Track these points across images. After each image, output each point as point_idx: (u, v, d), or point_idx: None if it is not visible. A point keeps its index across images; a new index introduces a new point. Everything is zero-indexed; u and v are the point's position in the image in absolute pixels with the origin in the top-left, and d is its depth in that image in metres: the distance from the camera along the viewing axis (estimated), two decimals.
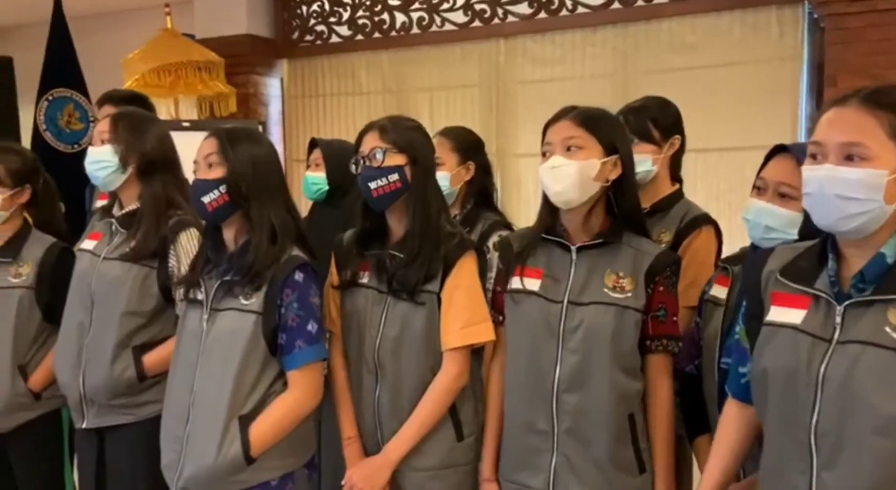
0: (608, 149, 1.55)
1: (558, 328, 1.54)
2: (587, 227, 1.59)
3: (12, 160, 2.05)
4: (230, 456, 1.54)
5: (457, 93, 4.28)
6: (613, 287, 1.53)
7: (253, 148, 1.65)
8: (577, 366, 1.52)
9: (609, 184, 1.56)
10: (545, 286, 1.58)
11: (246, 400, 1.56)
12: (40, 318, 2.05)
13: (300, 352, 1.57)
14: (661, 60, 3.70)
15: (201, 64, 4.27)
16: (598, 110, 1.62)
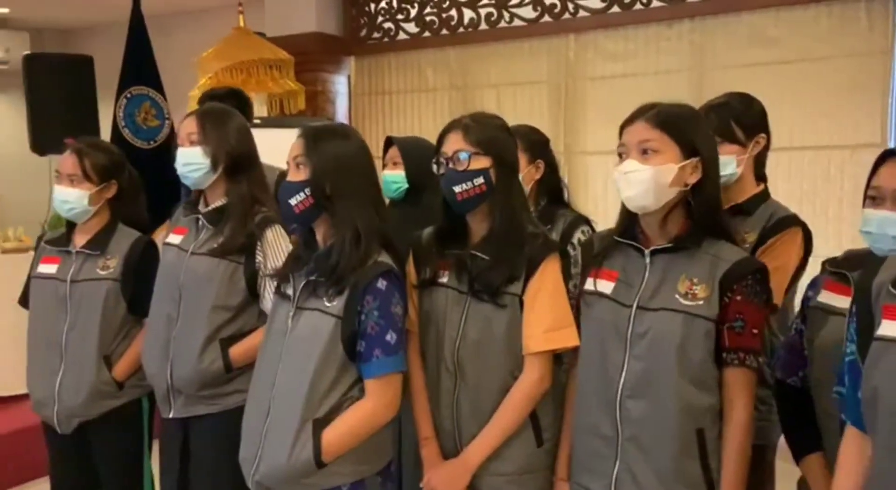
0: (687, 151, 1.47)
1: (626, 333, 1.49)
2: (664, 230, 1.52)
3: (99, 156, 2.11)
4: (302, 459, 1.52)
5: (524, 89, 4.23)
6: (685, 293, 1.46)
7: (339, 147, 1.61)
8: (641, 373, 1.46)
9: (688, 187, 1.49)
10: (617, 290, 1.52)
11: (321, 403, 1.53)
12: (125, 309, 2.10)
13: (378, 361, 1.53)
14: (742, 55, 3.57)
15: (272, 62, 4.33)
16: (679, 109, 1.52)
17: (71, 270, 2.09)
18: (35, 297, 2.14)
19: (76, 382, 2.05)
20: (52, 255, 2.14)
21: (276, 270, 1.75)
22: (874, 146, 3.30)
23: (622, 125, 1.53)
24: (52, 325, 2.08)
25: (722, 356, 1.46)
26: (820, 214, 3.44)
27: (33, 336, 2.15)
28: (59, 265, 2.11)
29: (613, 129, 4.18)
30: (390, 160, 2.21)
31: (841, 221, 3.45)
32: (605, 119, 3.97)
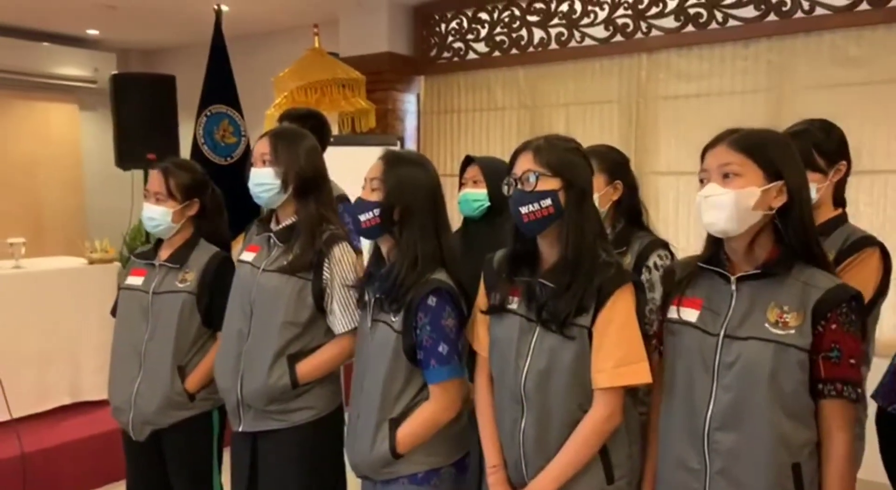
0: (771, 175, 1.42)
1: (713, 363, 1.44)
2: (751, 256, 1.46)
3: (182, 176, 2.19)
4: (381, 452, 1.71)
5: (594, 108, 4.20)
6: (776, 322, 1.40)
7: (413, 176, 1.72)
8: (731, 404, 1.41)
9: (774, 211, 1.44)
10: (703, 318, 1.48)
11: (394, 405, 1.71)
12: (199, 322, 2.16)
13: (434, 370, 1.68)
14: (823, 75, 3.45)
15: (345, 81, 4.43)
16: (762, 133, 1.48)
17: (154, 282, 2.17)
18: (122, 307, 2.24)
19: (151, 391, 2.13)
20: (139, 267, 2.23)
21: (357, 282, 1.89)
22: None
23: (704, 149, 1.50)
24: (134, 334, 2.17)
25: (818, 387, 1.39)
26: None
27: (117, 344, 2.24)
28: (144, 277, 2.20)
29: (685, 149, 4.11)
30: (470, 179, 2.20)
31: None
32: (676, 139, 3.90)
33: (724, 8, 3.70)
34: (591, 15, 4.14)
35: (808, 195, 1.48)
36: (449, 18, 4.73)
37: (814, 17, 3.47)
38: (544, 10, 4.31)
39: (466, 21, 4.66)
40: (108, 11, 4.93)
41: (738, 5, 3.67)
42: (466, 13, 4.65)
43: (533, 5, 4.35)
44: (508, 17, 4.47)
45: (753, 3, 3.62)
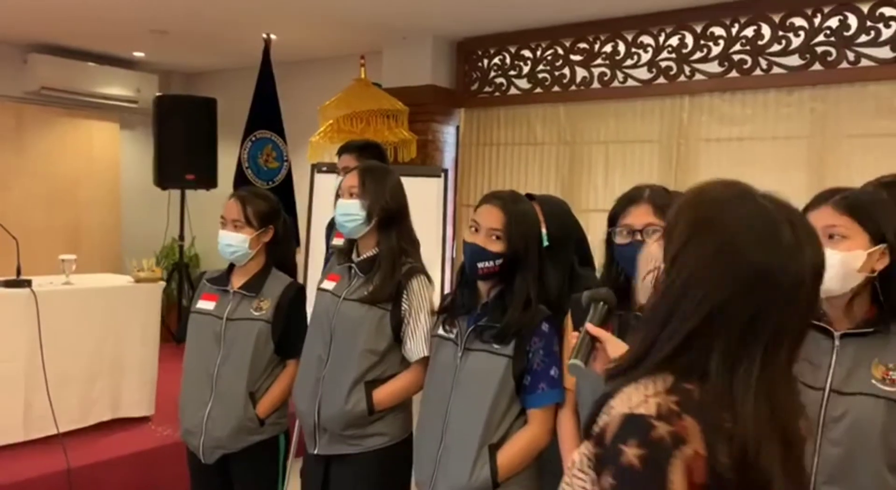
0: (876, 237, 1.46)
1: (818, 417, 1.47)
2: (850, 314, 1.51)
3: (260, 204, 2.27)
4: (481, 479, 1.72)
5: (634, 147, 4.27)
6: (883, 379, 1.44)
7: (532, 226, 1.83)
8: (838, 459, 1.44)
9: (875, 273, 1.48)
10: (804, 371, 1.52)
11: (496, 431, 1.75)
12: (273, 349, 2.22)
13: (542, 393, 1.74)
14: (867, 125, 3.52)
15: (389, 111, 4.54)
16: (867, 195, 1.53)
17: (227, 308, 2.24)
18: (192, 331, 2.30)
19: (224, 415, 2.18)
20: (211, 292, 2.30)
21: (441, 310, 1.94)
22: None
23: (805, 208, 1.54)
24: (206, 358, 2.23)
25: None
26: None
27: (188, 368, 2.29)
28: (216, 303, 2.26)
29: None
30: None
31: None
32: None
33: (769, 56, 3.79)
34: (635, 57, 4.23)
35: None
36: (492, 54, 4.84)
37: (858, 67, 3.55)
38: (588, 50, 4.41)
39: (509, 57, 4.76)
40: (158, 36, 5.07)
41: (783, 54, 3.75)
42: (509, 50, 4.75)
43: (577, 45, 4.45)
44: (551, 55, 4.57)
45: (798, 53, 3.70)
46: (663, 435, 0.84)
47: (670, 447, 0.84)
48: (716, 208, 0.93)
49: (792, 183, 3.66)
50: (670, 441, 0.84)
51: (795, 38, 3.71)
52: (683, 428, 0.85)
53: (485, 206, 1.83)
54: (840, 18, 3.58)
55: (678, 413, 0.86)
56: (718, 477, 0.83)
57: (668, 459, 0.83)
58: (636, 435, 0.85)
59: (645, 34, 4.18)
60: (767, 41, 3.79)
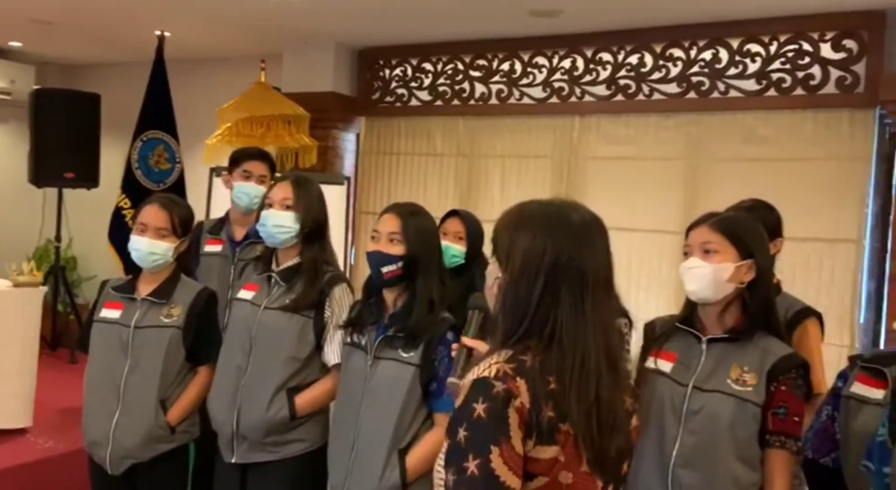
0: (744, 254, 1.70)
1: (681, 409, 1.68)
2: (721, 321, 1.73)
3: (182, 211, 2.24)
4: (391, 482, 1.79)
5: (529, 162, 4.49)
6: (737, 380, 1.67)
7: (427, 228, 1.91)
8: (693, 445, 1.65)
9: (744, 285, 1.71)
10: (676, 370, 1.73)
11: (405, 435, 1.82)
12: (183, 357, 2.20)
13: (448, 398, 1.75)
14: (734, 150, 3.90)
15: (290, 117, 4.52)
16: (738, 218, 1.79)
17: (135, 316, 2.19)
18: (96, 340, 2.23)
19: (133, 425, 2.13)
20: (116, 300, 2.23)
21: (349, 322, 1.98)
22: (851, 242, 3.64)
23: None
24: (112, 368, 2.17)
25: (765, 438, 1.65)
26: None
27: (92, 378, 2.22)
28: (122, 311, 2.21)
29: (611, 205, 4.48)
30: (453, 233, 2.36)
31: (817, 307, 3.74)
32: (604, 196, 4.24)
33: (651, 82, 4.12)
34: (531, 76, 4.46)
35: (771, 275, 1.77)
36: (393, 65, 4.93)
37: (728, 97, 3.93)
38: (486, 67, 4.60)
39: (411, 69, 4.87)
40: (40, 26, 4.78)
41: (662, 81, 4.09)
42: (411, 62, 4.87)
43: (476, 62, 4.63)
44: (452, 69, 4.72)
45: (676, 81, 4.05)
46: (500, 391, 1.09)
47: (506, 398, 1.08)
48: (525, 212, 1.21)
49: (669, 200, 4.01)
50: (504, 395, 1.08)
51: (674, 67, 4.06)
52: (515, 386, 1.09)
53: (384, 216, 1.93)
54: (713, 52, 3.96)
55: (512, 376, 1.10)
56: (538, 423, 1.09)
57: (506, 408, 1.08)
58: (482, 393, 1.09)
59: (539, 56, 4.42)
60: (649, 69, 4.12)
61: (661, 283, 4.05)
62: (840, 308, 3.60)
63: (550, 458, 1.09)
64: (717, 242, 1.70)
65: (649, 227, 4.06)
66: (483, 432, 1.06)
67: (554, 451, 1.09)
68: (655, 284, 4.06)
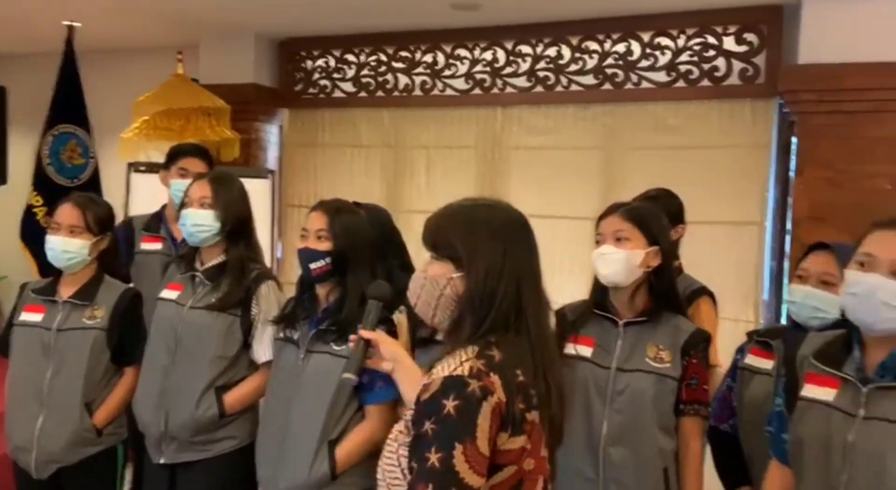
0: (651, 240, 1.84)
1: (606, 390, 1.80)
2: (632, 305, 1.86)
3: (98, 209, 2.20)
4: (319, 473, 1.81)
5: (454, 153, 4.57)
6: (654, 357, 1.80)
7: (356, 224, 1.94)
8: (622, 424, 1.78)
9: (651, 269, 1.84)
10: (597, 354, 1.84)
11: (335, 427, 1.85)
12: (108, 358, 2.17)
13: (379, 390, 1.85)
14: (646, 139, 4.09)
15: (210, 110, 4.44)
16: (645, 207, 1.93)
17: (57, 319, 2.15)
18: (18, 344, 2.18)
19: (58, 428, 2.10)
20: (36, 303, 2.19)
21: (282, 317, 2.00)
22: (754, 224, 3.89)
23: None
24: (34, 371, 2.13)
25: (680, 407, 1.80)
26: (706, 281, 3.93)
27: (14, 382, 2.17)
28: (44, 314, 2.16)
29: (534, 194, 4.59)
30: None
31: (725, 288, 3.97)
32: (527, 185, 4.37)
33: (569, 74, 4.26)
34: (453, 68, 4.53)
35: (673, 260, 1.91)
36: (315, 56, 4.90)
37: (640, 89, 4.11)
38: (409, 58, 4.64)
39: (333, 60, 4.86)
40: None
41: (579, 73, 4.24)
42: (333, 53, 4.85)
43: (399, 53, 4.66)
44: (375, 61, 4.74)
45: (592, 73, 4.20)
46: (475, 389, 1.12)
47: (481, 397, 1.11)
48: (476, 216, 1.27)
49: (588, 188, 4.16)
50: (480, 393, 1.12)
51: (590, 60, 4.21)
52: (490, 383, 1.13)
53: (311, 214, 1.96)
54: (626, 45, 4.13)
55: (486, 372, 1.14)
56: (513, 415, 1.14)
57: (479, 407, 1.11)
58: (455, 390, 1.12)
59: (461, 48, 4.50)
60: (567, 61, 4.26)
61: (581, 267, 4.19)
62: (745, 286, 3.84)
63: (519, 447, 1.16)
64: (628, 230, 1.82)
65: (570, 214, 4.21)
66: (449, 429, 1.10)
67: (522, 440, 1.16)
68: (577, 269, 4.21)
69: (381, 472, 1.21)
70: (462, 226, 1.26)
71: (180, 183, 2.59)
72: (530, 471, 1.17)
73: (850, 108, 3.41)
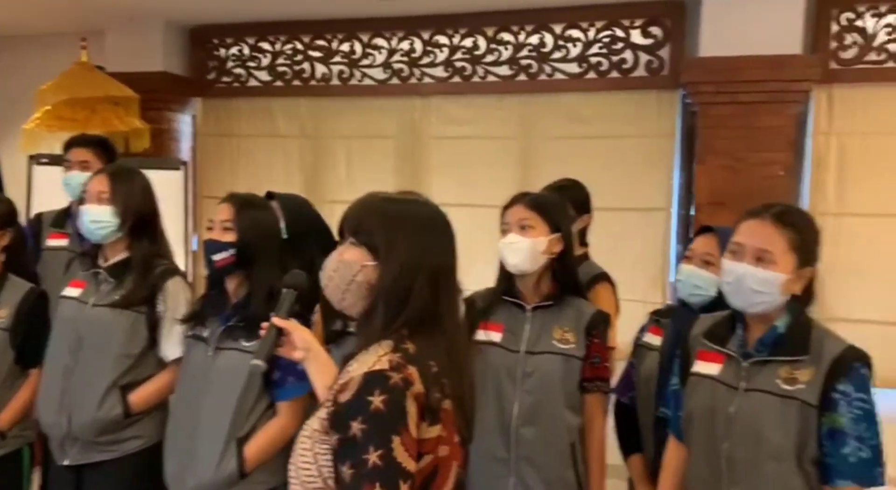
0: (553, 228, 1.92)
1: (516, 373, 1.87)
2: (538, 290, 1.95)
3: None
4: (227, 471, 1.79)
5: (374, 143, 4.57)
6: (560, 339, 1.89)
7: (262, 217, 1.92)
8: (532, 404, 1.86)
9: (554, 256, 1.92)
10: (506, 339, 1.92)
11: (244, 424, 1.83)
12: (12, 359, 2.10)
13: (290, 386, 1.83)
14: (560, 129, 4.21)
15: (118, 99, 4.29)
16: (547, 196, 2.02)
17: None
18: None
19: None
20: None
21: (192, 315, 1.96)
22: (661, 210, 4.08)
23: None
24: None
25: (584, 385, 1.89)
26: (620, 265, 4.08)
27: None
28: None
29: (453, 183, 4.67)
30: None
31: (635, 270, 4.16)
32: (446, 174, 4.43)
33: (485, 65, 4.33)
34: (371, 57, 4.52)
35: (573, 246, 2.00)
36: (228, 44, 4.80)
37: (554, 80, 4.22)
38: (326, 47, 4.60)
39: (248, 48, 4.76)
40: None
41: (495, 64, 4.31)
42: (247, 41, 4.76)
43: (315, 42, 4.62)
44: (291, 50, 4.68)
45: (508, 64, 4.29)
46: (398, 381, 1.13)
47: (404, 388, 1.13)
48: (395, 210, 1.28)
49: (505, 177, 4.25)
50: (402, 385, 1.14)
51: (505, 51, 4.29)
52: (410, 374, 1.15)
53: (219, 206, 1.94)
54: (539, 37, 4.23)
55: (404, 364, 1.16)
56: (430, 405, 1.17)
57: (404, 397, 1.13)
58: (379, 385, 1.13)
59: (378, 37, 4.49)
60: (483, 52, 4.32)
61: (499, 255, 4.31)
62: (653, 269, 4.03)
63: (436, 436, 1.18)
64: (532, 218, 1.90)
65: (488, 202, 4.25)
66: (383, 424, 1.10)
67: (437, 429, 1.18)
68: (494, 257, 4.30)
69: (293, 469, 1.21)
70: (383, 217, 1.27)
71: (71, 176, 2.52)
72: (445, 457, 1.21)
73: (746, 99, 3.62)
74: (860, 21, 3.74)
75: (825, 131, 3.80)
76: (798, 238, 1.51)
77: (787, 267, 1.51)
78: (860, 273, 3.78)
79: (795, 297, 1.53)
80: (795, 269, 1.51)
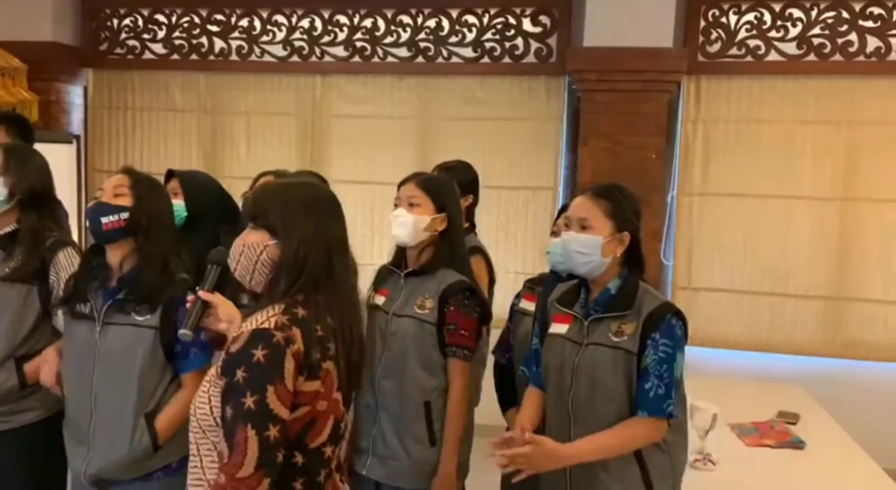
0: (439, 207, 2.10)
1: (386, 332, 2.07)
2: (418, 261, 2.13)
3: None
4: (142, 446, 1.80)
5: (273, 119, 4.62)
6: (419, 305, 2.08)
7: (157, 188, 1.94)
8: (391, 361, 2.07)
9: (437, 233, 2.10)
10: (385, 303, 2.11)
11: (150, 400, 1.82)
12: None
13: (194, 357, 1.84)
14: (456, 110, 4.42)
15: (4, 69, 4.13)
16: (438, 178, 2.21)
17: None
18: None
19: None
20: None
21: (69, 292, 1.89)
22: (549, 189, 4.38)
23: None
24: None
25: (444, 350, 2.08)
26: (511, 239, 4.42)
27: None
28: None
29: (354, 161, 4.80)
30: (171, 191, 2.43)
31: (525, 245, 4.46)
32: (347, 152, 4.55)
33: (384, 46, 4.46)
34: (270, 34, 4.55)
35: (461, 224, 2.18)
36: (122, 15, 4.69)
37: (450, 63, 4.41)
38: (224, 22, 4.59)
39: (142, 20, 4.68)
40: None
41: (394, 45, 4.46)
42: (142, 12, 4.67)
43: (213, 16, 4.60)
44: (188, 23, 4.63)
45: (406, 46, 4.44)
46: (280, 340, 1.31)
47: (284, 347, 1.30)
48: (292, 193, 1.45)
49: (404, 155, 4.43)
50: (284, 343, 1.31)
51: (404, 33, 4.44)
52: (293, 334, 1.32)
53: (111, 177, 1.91)
54: (437, 20, 4.40)
55: (289, 326, 1.33)
56: (309, 363, 1.34)
57: (283, 354, 1.30)
58: (263, 341, 1.30)
59: (278, 14, 4.53)
60: (382, 33, 4.45)
61: None
62: (541, 243, 4.31)
63: (313, 390, 1.35)
64: (420, 197, 2.08)
65: (387, 180, 4.42)
66: (261, 374, 1.28)
67: (316, 385, 1.35)
68: None
69: (192, 408, 1.38)
70: (279, 201, 1.43)
71: None
72: (323, 411, 1.38)
73: (624, 88, 3.94)
74: (724, 18, 4.14)
75: (693, 119, 4.19)
76: (612, 207, 1.78)
77: (605, 231, 1.77)
78: (720, 247, 4.23)
79: (627, 264, 1.79)
80: (612, 233, 1.77)
